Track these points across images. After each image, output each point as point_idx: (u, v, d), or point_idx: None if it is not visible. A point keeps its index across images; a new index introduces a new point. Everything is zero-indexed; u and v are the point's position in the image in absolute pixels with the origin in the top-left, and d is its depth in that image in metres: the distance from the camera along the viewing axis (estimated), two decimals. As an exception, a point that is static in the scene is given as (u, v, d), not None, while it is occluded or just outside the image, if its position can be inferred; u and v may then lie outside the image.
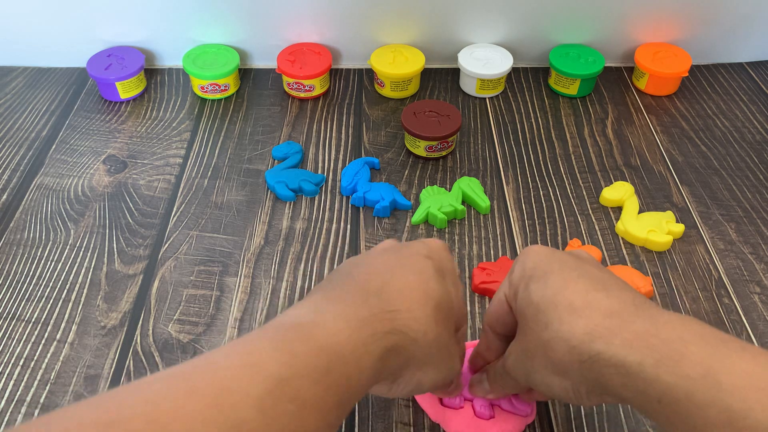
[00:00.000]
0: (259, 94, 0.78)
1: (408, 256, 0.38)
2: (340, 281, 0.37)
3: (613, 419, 0.48)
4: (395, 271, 0.37)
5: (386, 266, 0.37)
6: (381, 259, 0.38)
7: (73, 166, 0.68)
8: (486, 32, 0.80)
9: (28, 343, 0.52)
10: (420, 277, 0.37)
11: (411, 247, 0.39)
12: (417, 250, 0.39)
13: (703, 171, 0.69)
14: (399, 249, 0.40)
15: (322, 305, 0.34)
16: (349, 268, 0.38)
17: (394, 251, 0.39)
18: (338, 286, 0.36)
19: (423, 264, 0.38)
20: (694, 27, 0.80)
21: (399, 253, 0.39)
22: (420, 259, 0.38)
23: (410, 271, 0.37)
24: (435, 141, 0.67)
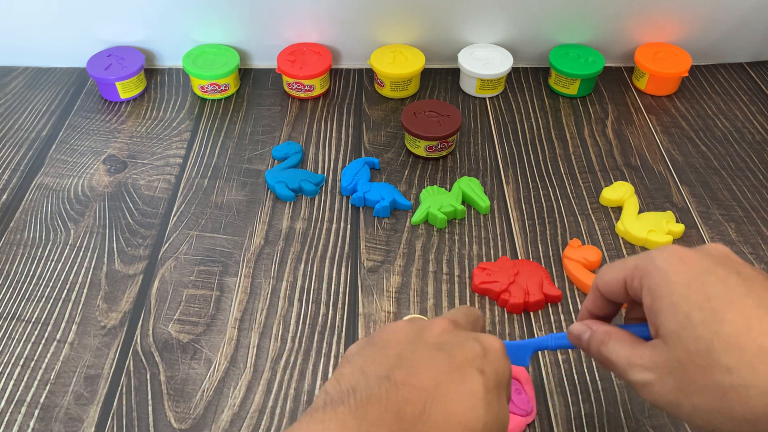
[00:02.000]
0: (259, 94, 0.78)
1: (460, 367, 0.33)
2: (376, 399, 0.31)
3: (613, 419, 0.48)
4: (439, 396, 0.32)
5: (432, 378, 0.32)
6: (429, 362, 0.33)
7: (73, 166, 0.68)
8: (486, 32, 0.80)
9: (28, 343, 0.52)
10: (467, 402, 0.32)
11: (466, 349, 0.34)
12: (472, 358, 0.34)
13: (703, 171, 0.69)
14: (453, 350, 0.34)
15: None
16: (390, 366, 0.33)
17: (447, 352, 0.34)
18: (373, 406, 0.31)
19: (474, 383, 0.33)
20: (694, 27, 0.80)
21: (452, 359, 0.34)
22: (471, 378, 0.33)
23: (457, 393, 0.32)
24: (435, 141, 0.67)
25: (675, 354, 0.32)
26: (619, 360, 0.35)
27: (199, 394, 0.49)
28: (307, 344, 0.52)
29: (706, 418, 0.32)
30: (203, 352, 0.51)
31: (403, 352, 0.34)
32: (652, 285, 0.34)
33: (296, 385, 0.50)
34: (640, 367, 0.34)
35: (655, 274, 0.34)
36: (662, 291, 0.33)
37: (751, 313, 0.31)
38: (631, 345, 0.35)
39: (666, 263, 0.34)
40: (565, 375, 0.50)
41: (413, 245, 0.60)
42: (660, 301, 0.33)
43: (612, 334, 0.37)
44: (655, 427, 0.47)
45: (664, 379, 0.33)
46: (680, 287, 0.32)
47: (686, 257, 0.33)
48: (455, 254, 0.59)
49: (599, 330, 0.37)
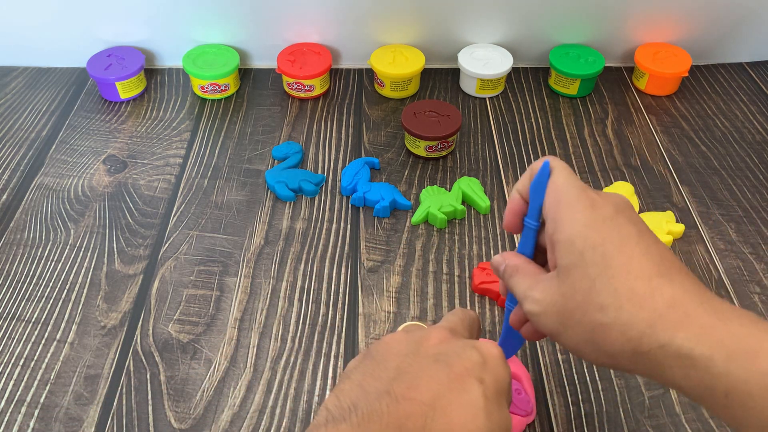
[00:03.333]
0: (259, 94, 0.78)
1: (459, 378, 0.33)
2: (377, 406, 0.32)
3: (613, 419, 0.48)
4: (440, 405, 0.32)
5: (432, 390, 0.32)
6: (428, 374, 0.33)
7: (73, 166, 0.68)
8: (486, 32, 0.80)
9: (28, 343, 0.52)
10: (468, 414, 0.32)
11: (464, 359, 0.34)
12: (471, 367, 0.34)
13: (703, 171, 0.69)
14: (451, 360, 0.34)
15: None
16: (389, 381, 0.33)
17: (446, 363, 0.34)
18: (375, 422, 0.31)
19: (474, 393, 0.33)
20: (694, 27, 0.80)
21: (450, 368, 0.34)
22: (472, 384, 0.33)
23: (457, 404, 0.32)
24: (435, 141, 0.67)
25: (562, 288, 0.35)
26: (518, 292, 0.38)
27: (199, 394, 0.49)
28: (307, 344, 0.52)
29: (577, 348, 0.35)
30: (203, 352, 0.51)
31: (401, 364, 0.34)
32: (557, 216, 0.35)
33: (296, 385, 0.50)
34: (532, 299, 0.36)
35: (564, 207, 0.35)
36: (565, 226, 0.35)
37: (635, 259, 0.33)
38: (531, 278, 0.37)
39: (576, 201, 0.35)
40: (565, 375, 0.50)
41: (413, 245, 0.60)
42: (560, 233, 0.35)
43: (519, 267, 0.38)
44: (654, 427, 0.47)
45: (549, 311, 0.35)
46: (581, 226, 0.34)
47: (595, 201, 0.35)
48: (455, 254, 0.59)
49: (510, 263, 0.39)
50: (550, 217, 0.35)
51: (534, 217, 0.38)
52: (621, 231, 0.34)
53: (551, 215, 0.35)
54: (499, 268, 0.40)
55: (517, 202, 0.39)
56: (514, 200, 0.39)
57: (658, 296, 0.32)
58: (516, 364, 0.49)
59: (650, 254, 0.33)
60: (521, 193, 0.39)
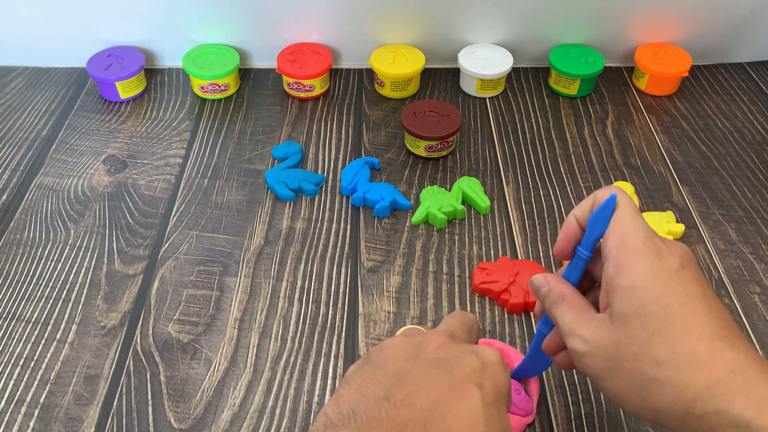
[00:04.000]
0: (259, 94, 0.78)
1: (459, 382, 0.33)
2: (377, 413, 0.32)
3: (613, 419, 0.48)
4: (440, 411, 0.32)
5: (431, 397, 0.32)
6: (428, 380, 0.33)
7: (73, 166, 0.68)
8: (486, 32, 0.80)
9: (28, 343, 0.52)
10: (467, 420, 0.32)
11: (464, 365, 0.34)
12: (470, 373, 0.34)
13: (703, 171, 0.69)
14: (451, 365, 0.34)
15: None
16: (388, 387, 0.33)
17: (445, 368, 0.34)
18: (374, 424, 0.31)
19: (473, 400, 0.33)
20: (694, 27, 0.80)
21: (450, 374, 0.33)
22: (471, 391, 0.33)
23: (457, 411, 0.32)
24: (435, 141, 0.67)
25: (616, 335, 0.34)
26: (563, 325, 0.36)
27: (199, 394, 0.49)
28: (307, 344, 0.52)
29: (620, 397, 0.34)
30: (203, 352, 0.51)
31: (400, 369, 0.34)
32: (621, 260, 0.34)
33: (296, 385, 0.50)
34: (580, 338, 0.35)
35: (629, 252, 0.34)
36: (629, 272, 0.34)
37: (698, 318, 0.32)
38: (578, 313, 0.36)
39: (643, 247, 0.34)
40: (565, 375, 0.50)
41: (413, 245, 0.60)
42: (622, 279, 0.34)
43: (566, 297, 0.37)
44: (654, 427, 0.47)
45: (597, 354, 0.34)
46: (646, 275, 0.33)
47: (661, 250, 0.34)
48: (455, 254, 0.59)
49: (556, 289, 0.38)
50: (613, 260, 0.34)
51: (588, 248, 0.37)
52: (686, 287, 0.33)
53: (614, 258, 0.34)
54: (541, 289, 0.39)
55: (573, 229, 0.38)
56: (570, 226, 0.38)
57: (719, 360, 0.31)
58: (516, 364, 0.49)
59: (713, 315, 0.33)
60: (579, 220, 0.38)
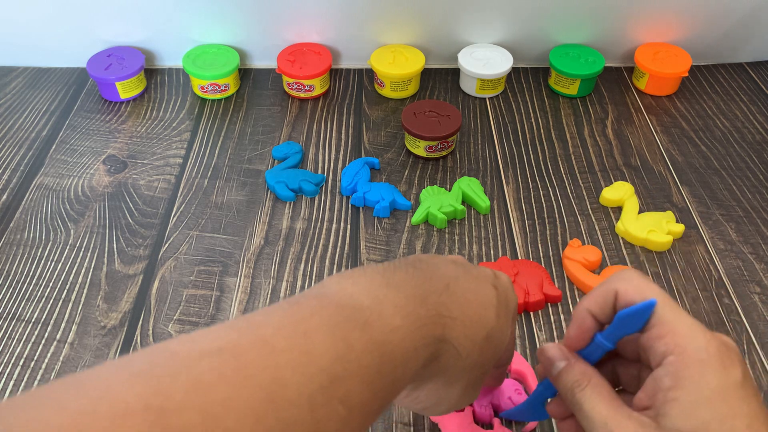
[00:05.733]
0: (259, 94, 0.78)
1: (476, 276, 0.36)
2: (403, 269, 0.34)
3: (613, 419, 0.48)
4: (460, 280, 0.34)
5: (453, 272, 0.35)
6: (448, 266, 0.35)
7: (73, 166, 0.68)
8: (486, 32, 0.80)
9: (28, 343, 0.52)
10: (482, 300, 0.34)
11: (480, 270, 0.37)
12: (485, 274, 0.36)
13: (703, 171, 0.69)
14: (468, 265, 0.37)
15: (381, 291, 0.31)
16: (413, 260, 0.35)
17: (463, 265, 0.36)
18: (400, 272, 0.33)
19: (487, 289, 0.35)
20: (694, 27, 0.80)
21: (467, 269, 0.36)
22: (486, 284, 0.35)
23: (474, 290, 0.34)
24: (435, 141, 0.67)
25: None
26: (593, 414, 0.32)
27: (199, 394, 0.49)
28: (307, 344, 0.52)
29: None
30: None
31: (421, 256, 0.36)
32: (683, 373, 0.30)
33: (296, 385, 0.49)
34: None
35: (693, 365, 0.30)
36: (692, 387, 0.30)
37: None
38: (611, 404, 0.32)
39: (708, 358, 0.30)
40: (565, 375, 0.50)
41: (413, 245, 0.60)
42: (684, 393, 0.30)
43: (592, 380, 0.33)
44: (655, 427, 0.47)
45: None
46: (711, 392, 0.30)
47: (723, 356, 0.31)
48: (455, 254, 0.59)
49: (578, 368, 0.34)
50: (671, 369, 0.30)
51: (613, 341, 0.34)
52: (750, 406, 0.30)
53: (673, 367, 0.30)
54: (557, 364, 0.35)
55: (589, 324, 0.34)
56: (586, 322, 0.34)
57: None
58: (521, 363, 0.49)
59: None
60: (596, 316, 0.34)
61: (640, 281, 0.33)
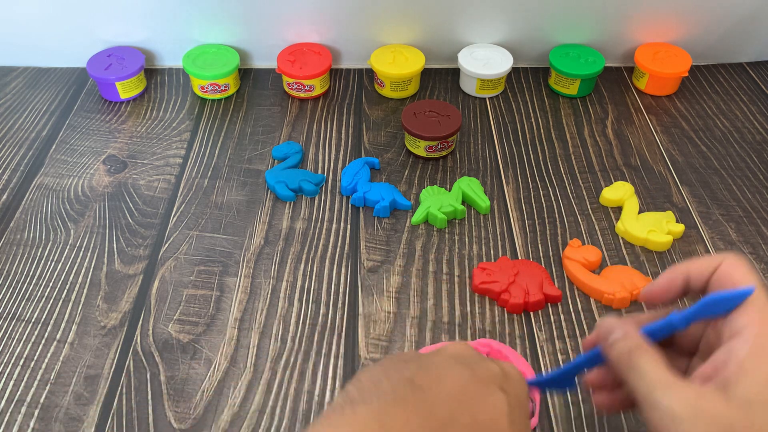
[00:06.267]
0: (259, 94, 0.78)
1: (483, 381, 0.33)
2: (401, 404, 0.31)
3: (613, 420, 0.48)
4: (464, 402, 0.31)
5: (456, 389, 0.32)
6: (452, 374, 0.33)
7: (73, 166, 0.68)
8: (486, 32, 0.80)
9: (28, 343, 0.52)
10: (492, 414, 0.32)
11: (486, 368, 0.34)
12: (493, 376, 0.34)
13: (703, 171, 0.69)
14: (473, 366, 0.34)
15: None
16: (413, 371, 0.32)
17: (468, 367, 0.34)
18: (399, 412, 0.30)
19: (496, 400, 0.32)
20: (694, 27, 0.80)
21: (473, 373, 0.33)
22: (494, 393, 0.33)
23: (483, 405, 0.32)
24: (435, 141, 0.67)
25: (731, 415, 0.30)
26: (651, 376, 0.32)
27: (199, 394, 0.49)
28: (307, 344, 0.52)
29: None
30: (203, 352, 0.51)
31: (423, 360, 0.34)
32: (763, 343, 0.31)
33: (296, 385, 0.50)
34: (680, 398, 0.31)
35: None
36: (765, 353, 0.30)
37: None
38: (668, 371, 0.32)
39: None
40: (565, 375, 0.50)
41: (413, 245, 0.60)
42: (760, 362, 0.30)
43: (649, 349, 0.33)
44: (655, 427, 0.47)
45: (700, 425, 0.30)
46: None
47: None
48: (455, 254, 0.59)
49: (637, 337, 0.34)
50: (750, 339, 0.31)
51: (687, 321, 0.33)
52: None
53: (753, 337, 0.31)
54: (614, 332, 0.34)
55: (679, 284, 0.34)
56: (677, 280, 0.34)
57: None
58: (521, 363, 0.49)
59: None
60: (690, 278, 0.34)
61: (747, 268, 0.33)
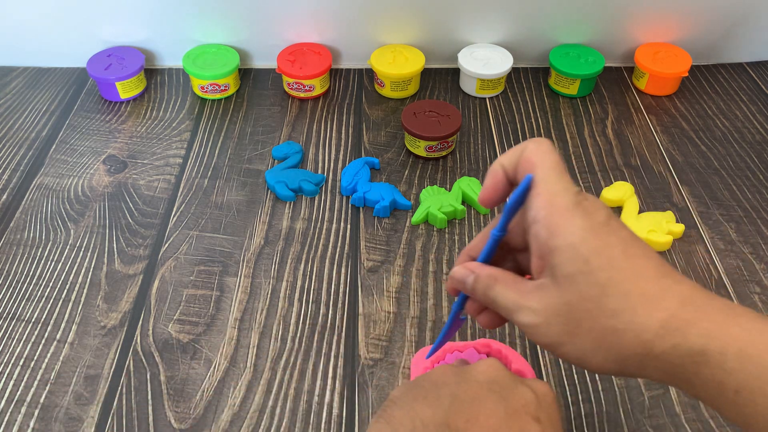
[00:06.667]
0: (259, 94, 0.78)
1: (517, 413, 0.34)
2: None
3: (613, 419, 0.48)
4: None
5: (491, 426, 0.33)
6: (486, 410, 0.34)
7: (73, 166, 0.68)
8: (486, 32, 0.80)
9: (28, 343, 0.52)
10: None
11: (519, 396, 0.35)
12: (526, 404, 0.35)
13: (703, 171, 0.69)
14: (507, 394, 0.35)
15: None
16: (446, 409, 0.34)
17: (502, 397, 0.35)
18: None
19: (530, 428, 0.34)
20: (694, 27, 0.80)
21: (507, 404, 0.34)
22: (529, 423, 0.34)
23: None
24: (435, 141, 0.67)
25: (566, 297, 0.33)
26: (507, 303, 0.35)
27: (199, 394, 0.49)
28: (307, 344, 0.52)
29: (582, 357, 0.33)
30: (203, 352, 0.51)
31: (455, 391, 0.34)
32: (553, 222, 0.33)
33: (296, 385, 0.50)
34: (529, 310, 0.34)
35: (560, 212, 0.33)
36: (564, 232, 0.33)
37: (640, 261, 0.32)
38: (516, 287, 0.35)
39: (573, 206, 0.33)
40: (565, 375, 0.50)
41: (413, 245, 0.60)
42: (559, 239, 0.33)
43: (498, 277, 0.36)
44: (654, 427, 0.47)
45: (552, 321, 0.33)
46: (582, 231, 0.32)
47: (588, 206, 0.33)
48: (455, 254, 0.59)
49: (483, 273, 0.37)
50: (544, 223, 0.33)
51: (502, 227, 0.37)
52: (619, 235, 0.33)
53: (545, 220, 0.33)
54: (467, 280, 0.38)
55: (501, 178, 0.37)
56: (498, 175, 0.37)
57: (669, 295, 0.31)
58: (521, 363, 0.49)
59: (650, 257, 0.33)
60: (506, 169, 0.36)
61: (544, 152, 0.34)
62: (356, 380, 0.50)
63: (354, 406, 0.48)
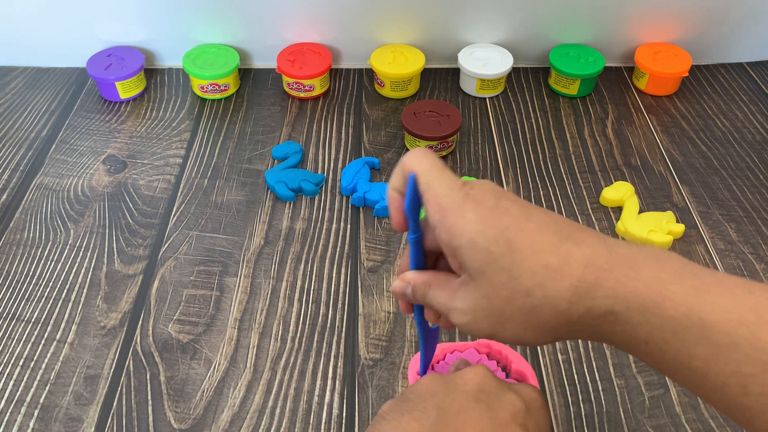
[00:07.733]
0: (259, 94, 0.78)
1: (504, 422, 0.34)
2: None
3: (613, 419, 0.48)
4: None
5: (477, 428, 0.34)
6: (471, 417, 0.34)
7: (73, 166, 0.68)
8: (486, 32, 0.80)
9: (28, 343, 0.52)
10: None
11: (508, 403, 0.35)
12: (513, 414, 0.35)
13: (703, 171, 0.69)
14: (493, 404, 0.35)
15: None
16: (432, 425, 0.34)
17: (488, 407, 0.35)
18: None
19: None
20: (694, 27, 0.80)
21: (492, 411, 0.35)
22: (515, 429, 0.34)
23: None
24: (435, 141, 0.67)
25: (483, 290, 0.34)
26: (439, 307, 0.36)
27: (199, 394, 0.49)
28: (307, 344, 0.52)
29: (519, 339, 0.34)
30: (203, 352, 0.51)
31: (440, 403, 0.35)
32: (448, 223, 0.34)
33: (296, 385, 0.50)
34: (457, 311, 0.35)
35: (451, 212, 0.34)
36: (460, 230, 0.33)
37: (536, 235, 0.33)
38: (446, 288, 0.36)
39: (460, 202, 0.34)
40: (565, 375, 0.50)
41: (413, 245, 0.60)
42: (458, 238, 0.33)
43: (431, 282, 0.37)
44: (655, 427, 0.47)
45: (479, 316, 0.34)
46: (475, 224, 0.33)
47: (475, 196, 0.34)
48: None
49: (417, 282, 0.38)
50: (441, 227, 0.34)
51: (413, 228, 0.37)
52: (511, 214, 0.34)
53: (440, 225, 0.34)
54: (406, 291, 0.38)
55: (398, 200, 0.38)
56: (395, 200, 0.38)
57: (571, 262, 0.32)
58: (521, 363, 0.49)
59: (546, 225, 0.33)
60: (399, 191, 0.37)
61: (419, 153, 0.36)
62: (356, 380, 0.50)
63: (354, 407, 0.48)
